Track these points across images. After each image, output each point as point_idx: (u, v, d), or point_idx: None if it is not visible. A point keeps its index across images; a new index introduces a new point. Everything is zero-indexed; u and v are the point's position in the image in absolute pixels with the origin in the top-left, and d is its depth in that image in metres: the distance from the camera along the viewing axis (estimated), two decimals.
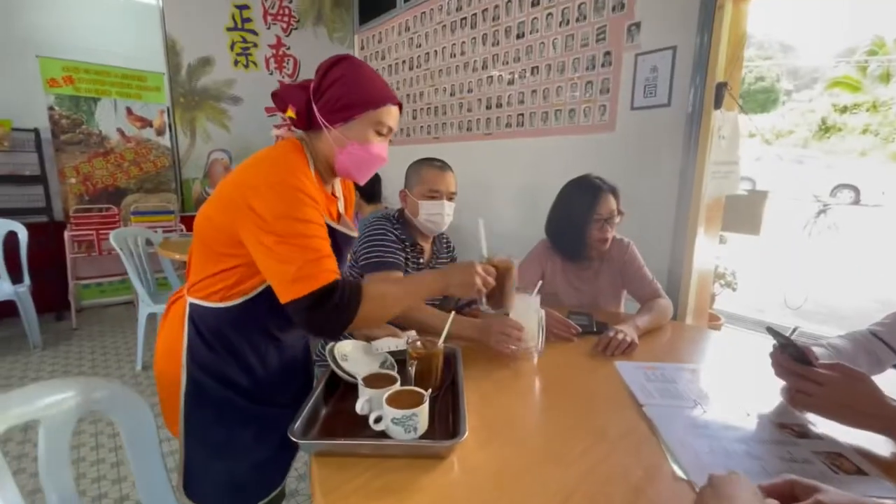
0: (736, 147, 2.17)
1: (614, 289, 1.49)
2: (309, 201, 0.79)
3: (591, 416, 0.83)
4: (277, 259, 0.76)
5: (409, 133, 3.66)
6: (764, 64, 9.25)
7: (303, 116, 0.86)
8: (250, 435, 0.89)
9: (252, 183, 0.78)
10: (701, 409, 0.83)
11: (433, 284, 0.90)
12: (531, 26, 2.63)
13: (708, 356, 1.16)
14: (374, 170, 0.93)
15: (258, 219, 0.76)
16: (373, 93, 0.86)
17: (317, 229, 0.80)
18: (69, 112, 3.19)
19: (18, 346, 2.80)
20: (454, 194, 1.37)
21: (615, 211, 1.39)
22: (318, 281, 0.76)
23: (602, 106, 2.35)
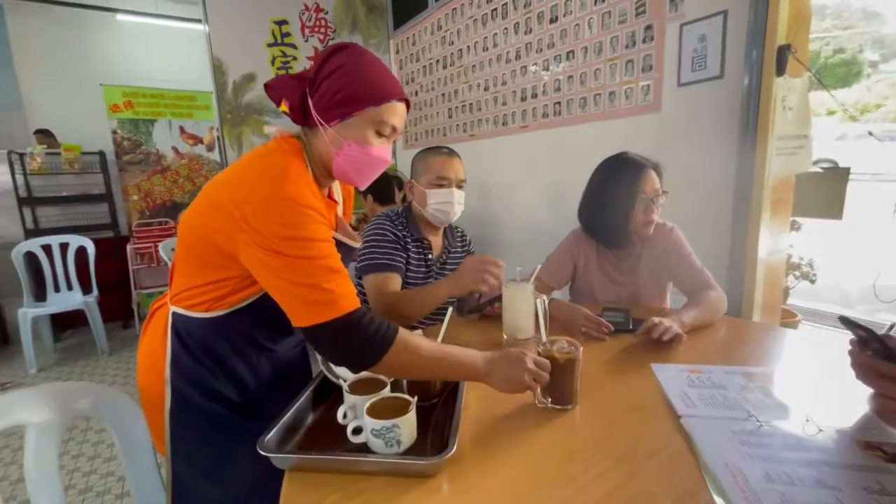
0: (806, 119, 1.89)
1: (657, 281, 1.32)
2: (316, 216, 0.71)
3: (614, 428, 0.69)
4: (291, 281, 0.68)
5: (446, 132, 3.60)
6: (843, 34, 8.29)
7: (297, 111, 0.78)
8: (245, 453, 0.78)
9: (248, 196, 0.69)
10: (756, 422, 0.67)
11: (473, 368, 0.75)
12: (564, 8, 2.48)
13: (773, 358, 0.97)
14: (376, 174, 0.84)
15: (262, 239, 0.68)
16: (374, 86, 0.75)
17: (328, 248, 0.72)
18: (129, 134, 3.44)
19: (89, 352, 3.04)
20: (463, 181, 1.28)
21: (660, 190, 1.23)
22: (338, 308, 0.68)
23: (645, 86, 2.15)
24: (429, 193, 1.25)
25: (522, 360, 0.73)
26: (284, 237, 0.67)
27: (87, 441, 2.03)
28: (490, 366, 0.74)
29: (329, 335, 0.68)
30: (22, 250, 2.74)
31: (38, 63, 4.64)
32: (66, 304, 2.86)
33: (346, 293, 0.69)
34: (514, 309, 1.00)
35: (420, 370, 0.74)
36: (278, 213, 0.68)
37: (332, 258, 0.71)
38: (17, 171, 3.18)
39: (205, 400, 0.81)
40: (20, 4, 4.48)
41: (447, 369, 0.74)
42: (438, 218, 1.28)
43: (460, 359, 0.75)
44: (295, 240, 0.68)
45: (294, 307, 0.69)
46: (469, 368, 0.74)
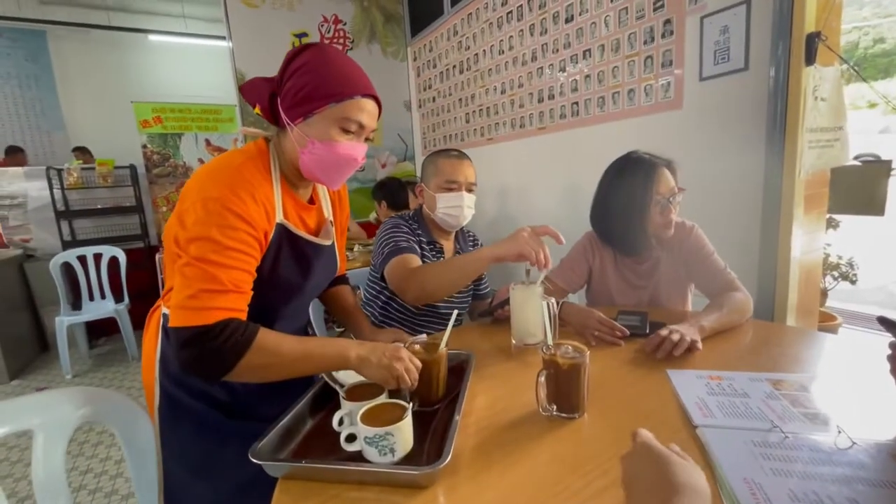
0: (841, 110, 1.79)
1: (678, 283, 1.25)
2: (238, 223, 0.70)
3: (623, 439, 0.64)
4: (181, 279, 0.68)
5: (463, 137, 3.59)
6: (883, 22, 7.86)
7: (267, 112, 0.78)
8: (231, 453, 0.81)
9: (192, 192, 0.71)
10: (780, 433, 0.62)
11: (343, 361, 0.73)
12: (580, 7, 2.44)
13: (803, 364, 0.89)
14: (346, 173, 0.82)
15: (182, 232, 0.70)
16: (336, 83, 0.74)
17: (233, 258, 0.69)
18: (158, 148, 3.57)
19: (120, 359, 3.15)
20: (474, 185, 1.26)
21: (675, 188, 1.17)
22: (202, 317, 0.66)
23: (665, 82, 2.08)
24: (438, 197, 1.23)
25: (397, 350, 0.72)
26: (194, 236, 0.68)
27: (101, 443, 2.10)
28: (366, 352, 0.72)
29: (182, 341, 0.66)
30: (59, 261, 2.87)
31: (77, 85, 4.92)
32: (100, 312, 2.97)
33: (214, 306, 0.67)
34: (521, 312, 0.96)
35: (283, 369, 0.72)
36: (198, 212, 0.68)
37: (229, 270, 0.69)
38: (56, 185, 3.35)
39: (191, 399, 0.81)
40: (61, 30, 4.76)
41: (317, 362, 0.73)
42: (448, 222, 1.26)
43: (332, 348, 0.73)
44: (200, 240, 0.68)
45: (172, 304, 0.68)
46: (344, 358, 0.73)
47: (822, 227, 1.94)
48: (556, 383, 0.69)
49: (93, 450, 2.05)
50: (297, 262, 0.84)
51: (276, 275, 0.81)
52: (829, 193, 1.90)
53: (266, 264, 0.79)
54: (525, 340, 0.99)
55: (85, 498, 1.73)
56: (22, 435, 0.71)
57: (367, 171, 3.99)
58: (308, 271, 0.87)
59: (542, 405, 0.71)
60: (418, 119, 4.21)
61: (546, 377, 0.70)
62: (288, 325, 0.93)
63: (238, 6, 3.45)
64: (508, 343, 1.03)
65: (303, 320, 1.01)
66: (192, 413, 0.82)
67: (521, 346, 0.99)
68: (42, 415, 0.72)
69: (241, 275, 0.71)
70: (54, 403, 0.74)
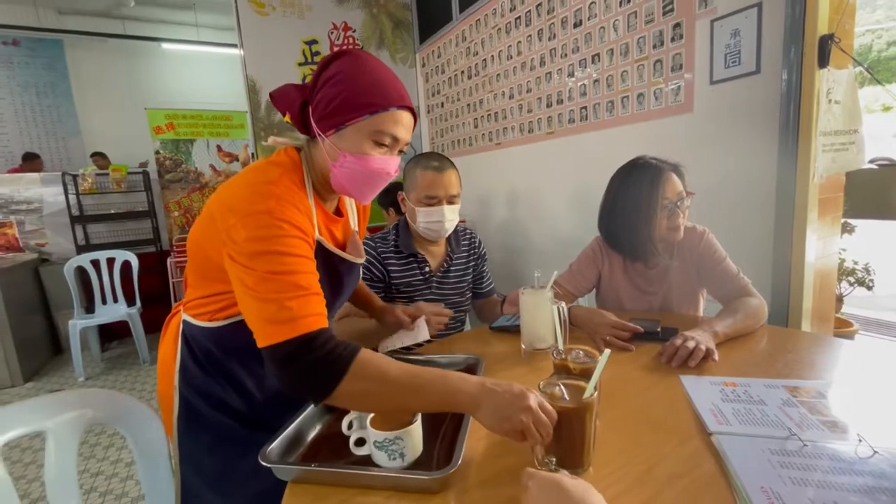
0: (856, 113, 1.76)
1: (689, 288, 1.24)
2: (293, 231, 0.67)
3: (634, 446, 0.64)
4: (255, 297, 0.64)
5: (472, 142, 3.59)
6: None
7: (298, 121, 0.75)
8: (248, 464, 0.78)
9: (230, 207, 0.68)
10: (798, 441, 0.60)
11: (461, 395, 0.61)
12: (588, 12, 2.44)
13: (820, 370, 0.87)
14: (378, 187, 0.79)
15: (236, 252, 0.66)
16: (370, 94, 0.70)
17: (302, 264, 0.67)
18: (171, 154, 3.63)
19: (132, 362, 3.18)
20: (456, 196, 1.22)
21: (683, 192, 1.16)
22: (300, 327, 0.62)
23: (675, 85, 2.07)
24: (418, 211, 1.20)
25: (525, 397, 0.58)
26: (255, 251, 0.64)
27: (112, 445, 2.12)
28: (480, 392, 0.61)
29: (278, 358, 0.62)
30: (73, 265, 2.92)
31: (93, 92, 5.02)
32: (112, 315, 3.01)
33: (307, 313, 0.63)
34: (531, 317, 0.95)
35: (389, 399, 0.62)
36: (252, 226, 0.65)
37: (301, 275, 0.66)
38: (71, 191, 3.41)
39: (210, 409, 0.81)
40: (78, 39, 4.87)
41: (425, 397, 0.62)
42: (430, 235, 1.24)
43: (443, 384, 0.62)
44: (265, 254, 0.64)
45: (256, 325, 0.64)
46: (456, 395, 0.61)
47: (837, 231, 1.91)
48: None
49: (104, 452, 2.07)
50: (330, 279, 0.82)
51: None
52: (843, 198, 1.87)
53: None
54: (535, 345, 0.98)
55: (95, 500, 1.75)
56: (35, 436, 0.71)
57: None
58: (340, 289, 0.85)
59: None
60: (426, 124, 4.23)
61: None
62: None
63: (250, 14, 3.51)
64: (518, 347, 1.02)
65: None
66: (211, 423, 0.81)
67: (530, 350, 0.99)
68: (55, 416, 0.73)
69: (313, 278, 0.68)
70: (67, 405, 0.74)
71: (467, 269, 1.43)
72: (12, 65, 4.68)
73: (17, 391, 2.88)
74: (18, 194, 3.39)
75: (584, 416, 0.57)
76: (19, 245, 3.34)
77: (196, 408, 0.80)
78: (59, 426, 0.72)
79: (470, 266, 1.44)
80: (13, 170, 4.14)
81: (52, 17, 4.72)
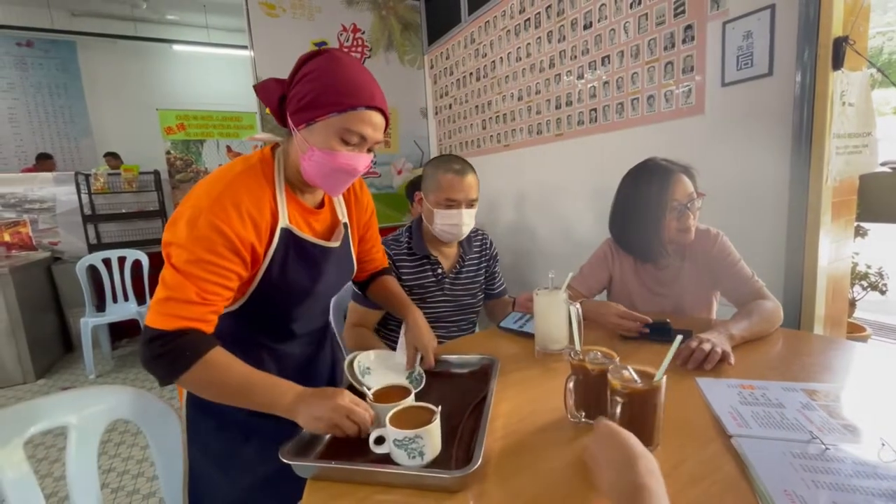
0: (869, 115, 1.75)
1: (703, 291, 1.23)
2: (222, 241, 0.71)
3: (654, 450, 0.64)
4: (160, 281, 0.71)
5: (480, 144, 3.60)
6: None
7: (276, 114, 0.79)
8: (252, 449, 0.83)
9: (189, 199, 0.74)
10: (821, 444, 0.60)
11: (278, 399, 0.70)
12: (599, 14, 2.44)
13: (838, 374, 0.86)
14: (344, 182, 0.82)
15: (169, 234, 0.72)
16: (340, 93, 0.73)
17: (211, 270, 0.71)
18: (181, 154, 3.66)
19: None
20: (475, 201, 1.24)
21: (693, 194, 1.15)
22: (164, 322, 0.69)
23: (686, 87, 2.06)
24: (436, 213, 1.22)
25: (335, 396, 0.68)
26: (175, 241, 0.70)
27: (123, 443, 2.14)
28: (298, 401, 0.69)
29: (145, 340, 0.69)
30: (85, 264, 2.95)
31: (105, 93, 5.08)
32: (123, 313, 3.04)
33: (179, 314, 0.69)
34: (545, 318, 0.95)
35: (224, 392, 0.72)
36: (187, 221, 0.70)
37: (200, 281, 0.70)
38: (83, 190, 3.45)
39: None
40: (90, 41, 4.93)
41: (249, 397, 0.72)
42: (445, 237, 1.25)
43: (267, 388, 0.72)
44: (180, 247, 0.70)
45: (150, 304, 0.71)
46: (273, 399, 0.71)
47: (851, 235, 1.89)
48: (584, 390, 0.68)
49: (115, 449, 2.09)
50: (305, 264, 0.85)
51: (286, 279, 0.82)
52: (857, 200, 1.85)
53: (274, 269, 0.80)
54: (549, 347, 0.98)
55: (107, 496, 1.76)
56: (59, 434, 0.73)
57: (384, 177, 4.02)
58: (318, 274, 0.87)
59: (570, 412, 0.70)
60: (434, 126, 4.24)
61: (574, 383, 0.69)
62: (303, 326, 0.94)
63: (260, 16, 3.53)
64: (531, 349, 1.02)
65: (319, 322, 1.02)
66: (217, 408, 0.82)
67: (544, 352, 0.99)
68: (77, 412, 0.74)
69: (213, 287, 0.72)
70: (88, 401, 0.75)
71: (479, 270, 1.44)
72: (26, 66, 4.74)
73: (28, 388, 2.91)
74: (32, 193, 3.43)
75: (654, 398, 0.61)
76: (32, 243, 3.38)
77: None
78: (82, 421, 0.73)
79: (482, 267, 1.45)
80: (27, 169, 4.19)
81: (65, 19, 4.78)
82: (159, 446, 0.81)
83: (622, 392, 0.61)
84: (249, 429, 0.84)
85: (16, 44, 4.68)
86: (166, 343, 0.68)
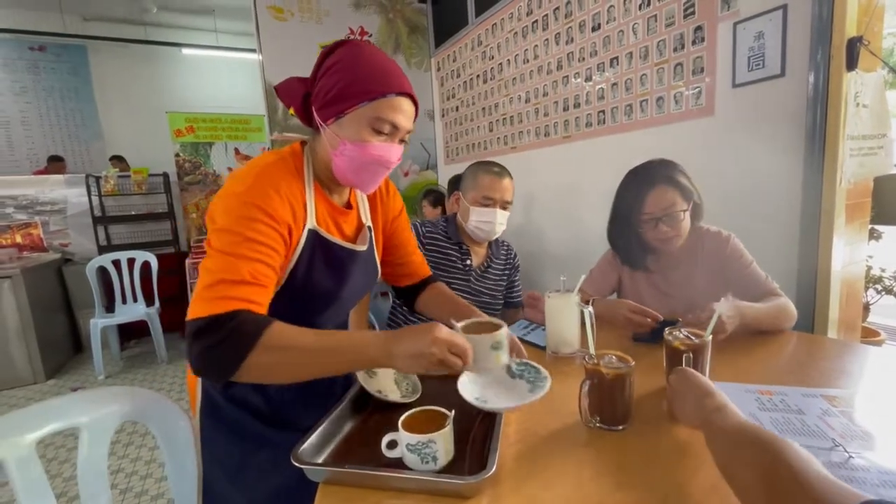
0: (884, 116, 1.72)
1: (714, 293, 1.20)
2: (260, 216, 0.68)
3: (670, 453, 0.63)
4: (202, 272, 0.65)
5: (486, 146, 3.59)
6: None
7: (301, 113, 0.77)
8: (265, 460, 0.81)
9: (222, 190, 0.71)
10: (844, 452, 0.58)
11: (366, 348, 0.64)
12: (607, 16, 2.43)
13: (857, 379, 0.84)
14: (378, 175, 0.78)
15: (210, 230, 0.69)
16: (368, 81, 0.70)
17: (258, 250, 0.67)
18: (190, 156, 3.69)
19: (150, 361, 3.23)
20: (509, 203, 1.28)
21: (673, 207, 1.14)
22: (216, 306, 0.61)
23: (696, 89, 2.04)
24: (472, 211, 1.26)
25: (430, 330, 0.61)
26: (219, 228, 0.67)
27: (132, 444, 2.14)
28: (389, 345, 0.62)
29: (188, 333, 0.62)
30: (95, 265, 2.98)
31: (115, 96, 5.13)
32: (132, 315, 3.06)
33: (233, 295, 0.62)
34: (557, 321, 0.94)
35: (299, 368, 0.64)
36: (224, 207, 0.68)
37: (251, 262, 0.65)
38: (94, 192, 3.48)
39: (229, 404, 0.82)
40: (101, 45, 4.99)
41: (337, 358, 0.64)
42: (478, 235, 1.29)
43: (349, 342, 0.64)
44: (225, 232, 0.66)
45: (192, 300, 0.64)
46: (366, 350, 0.63)
47: (865, 238, 1.86)
48: (599, 394, 0.67)
49: (123, 450, 2.10)
50: (331, 267, 0.82)
51: (311, 282, 0.79)
52: (871, 203, 1.83)
53: (300, 271, 0.77)
54: (560, 350, 0.97)
55: (116, 497, 1.77)
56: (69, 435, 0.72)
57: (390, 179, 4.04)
58: (343, 277, 0.85)
59: (584, 417, 0.69)
60: (441, 128, 4.24)
61: (589, 388, 0.68)
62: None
63: (268, 19, 3.56)
64: (540, 354, 1.01)
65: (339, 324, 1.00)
66: (230, 418, 0.82)
67: (556, 355, 0.98)
68: (89, 412, 0.74)
69: (263, 267, 0.67)
70: (100, 402, 0.75)
71: (503, 275, 1.49)
72: (38, 70, 4.81)
73: (39, 388, 2.94)
74: (44, 195, 3.47)
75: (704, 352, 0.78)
76: (44, 245, 3.41)
77: (216, 401, 0.82)
78: (94, 421, 0.73)
79: (505, 274, 1.50)
80: (38, 171, 4.24)
81: (77, 24, 4.84)
82: (170, 448, 0.81)
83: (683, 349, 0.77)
84: (263, 440, 0.82)
85: (28, 48, 4.74)
86: (221, 327, 0.61)
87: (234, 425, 0.82)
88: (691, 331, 0.80)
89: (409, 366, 0.62)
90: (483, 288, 1.43)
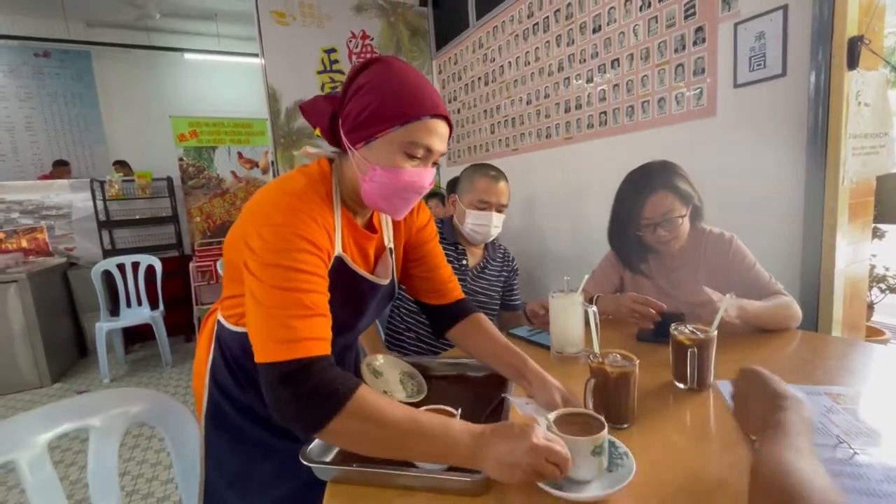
0: (886, 115, 1.73)
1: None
2: (307, 246, 0.65)
3: (675, 452, 0.63)
4: (260, 309, 0.62)
5: (488, 148, 3.60)
6: None
7: (328, 134, 0.73)
8: (269, 469, 0.80)
9: (255, 214, 0.67)
10: (848, 449, 0.59)
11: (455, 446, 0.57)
12: (608, 17, 2.44)
13: (861, 377, 0.85)
14: (411, 202, 0.74)
15: (251, 260, 0.64)
16: (400, 104, 0.66)
17: (311, 282, 0.64)
18: (194, 161, 3.71)
19: (155, 364, 3.24)
20: (504, 206, 1.31)
21: (670, 212, 1.15)
22: (301, 349, 0.59)
23: (697, 89, 2.05)
24: (468, 213, 1.28)
25: (526, 436, 0.54)
26: (266, 262, 0.63)
27: (138, 446, 2.15)
28: (480, 446, 0.56)
29: (274, 378, 0.59)
30: (100, 269, 3.00)
31: (118, 101, 5.17)
32: (136, 318, 3.08)
33: (309, 335, 0.61)
34: (561, 321, 0.95)
35: (382, 444, 0.58)
36: (267, 237, 0.63)
37: (308, 294, 0.63)
38: (98, 197, 3.51)
39: (235, 412, 0.81)
40: (104, 50, 5.03)
41: (418, 446, 0.58)
42: (474, 237, 1.31)
43: (443, 435, 0.57)
44: (276, 267, 0.62)
45: (256, 338, 0.62)
46: (456, 449, 0.57)
47: (868, 237, 1.86)
48: (604, 392, 0.68)
49: (130, 452, 2.11)
50: (352, 299, 0.79)
51: (332, 312, 0.72)
52: (874, 202, 1.83)
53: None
54: (564, 350, 0.97)
55: (123, 499, 1.78)
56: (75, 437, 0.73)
57: None
58: (362, 311, 0.83)
59: None
60: None
61: (594, 386, 0.68)
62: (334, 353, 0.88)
63: (270, 24, 3.58)
64: (545, 354, 1.02)
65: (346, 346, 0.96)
66: (235, 426, 0.81)
67: (560, 355, 0.98)
68: (99, 415, 0.75)
69: (319, 297, 0.65)
70: (110, 404, 0.76)
71: (500, 277, 1.50)
72: (43, 75, 4.85)
73: (44, 391, 2.96)
74: (49, 200, 3.50)
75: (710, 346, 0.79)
76: (49, 249, 3.44)
77: (222, 408, 0.81)
78: (104, 423, 0.74)
79: (502, 276, 1.51)
80: (43, 176, 4.27)
81: (80, 30, 4.88)
82: (178, 450, 0.81)
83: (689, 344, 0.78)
84: (267, 448, 0.82)
85: (33, 54, 4.78)
86: (309, 375, 0.58)
87: (239, 432, 0.81)
88: (696, 326, 0.81)
89: (500, 475, 0.55)
90: (479, 288, 1.45)
